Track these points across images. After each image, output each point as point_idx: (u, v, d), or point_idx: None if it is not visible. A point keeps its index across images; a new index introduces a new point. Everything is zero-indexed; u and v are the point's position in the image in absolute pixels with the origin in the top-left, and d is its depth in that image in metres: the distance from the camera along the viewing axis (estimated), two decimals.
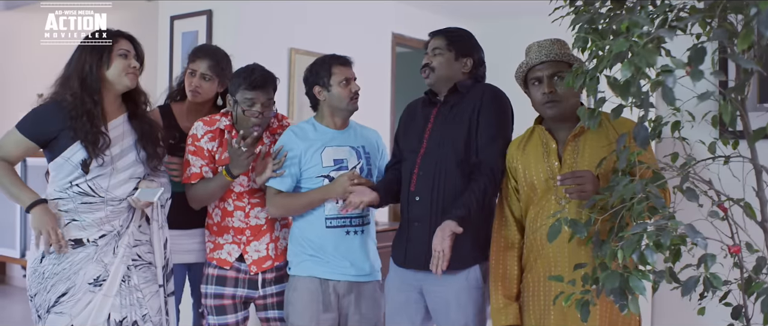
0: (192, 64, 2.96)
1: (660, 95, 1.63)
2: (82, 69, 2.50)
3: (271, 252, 2.84)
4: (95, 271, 2.50)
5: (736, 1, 1.66)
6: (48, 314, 2.49)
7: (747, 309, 1.89)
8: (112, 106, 2.59)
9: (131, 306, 2.54)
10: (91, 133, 2.45)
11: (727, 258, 1.84)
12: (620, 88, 1.64)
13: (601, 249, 1.89)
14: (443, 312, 2.54)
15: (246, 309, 2.89)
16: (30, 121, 2.53)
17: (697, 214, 1.84)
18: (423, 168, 2.58)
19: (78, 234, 2.50)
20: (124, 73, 2.55)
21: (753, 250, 1.83)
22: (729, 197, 1.88)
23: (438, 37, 2.70)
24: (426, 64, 2.68)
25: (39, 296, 2.50)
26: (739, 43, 1.61)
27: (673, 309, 2.52)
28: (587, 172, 2.15)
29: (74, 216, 2.50)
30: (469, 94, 2.60)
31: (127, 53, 2.57)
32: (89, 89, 2.49)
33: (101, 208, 2.52)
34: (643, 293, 1.72)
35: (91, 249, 2.50)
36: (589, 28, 1.87)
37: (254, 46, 4.45)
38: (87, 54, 2.52)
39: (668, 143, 2.06)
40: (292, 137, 2.76)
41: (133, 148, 2.59)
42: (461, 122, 2.56)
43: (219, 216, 2.84)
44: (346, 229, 2.72)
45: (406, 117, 2.81)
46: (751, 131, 1.83)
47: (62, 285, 2.48)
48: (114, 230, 2.53)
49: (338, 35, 4.94)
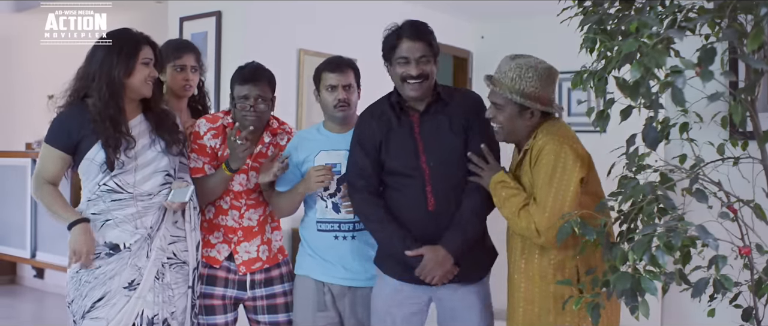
0: (179, 60, 2.96)
1: (669, 96, 1.62)
2: (109, 73, 2.50)
3: (262, 255, 2.83)
4: (130, 275, 2.52)
5: (745, 1, 1.66)
6: (83, 320, 2.51)
7: (757, 311, 1.88)
8: (131, 107, 2.60)
9: (164, 303, 2.56)
10: (113, 137, 2.48)
11: (737, 260, 1.84)
12: (630, 89, 1.64)
13: (611, 252, 1.88)
14: (452, 320, 2.52)
15: (235, 310, 2.87)
16: (56, 131, 2.54)
17: (706, 216, 1.83)
18: (435, 185, 2.45)
19: (113, 235, 2.52)
20: (145, 82, 2.56)
21: (763, 251, 1.82)
22: (739, 198, 1.87)
23: (419, 41, 2.46)
24: (420, 74, 2.43)
25: (75, 302, 2.53)
26: (749, 44, 1.60)
27: (683, 310, 2.52)
28: (490, 165, 2.36)
29: (107, 216, 2.52)
30: (452, 99, 2.51)
31: (149, 62, 2.57)
32: (115, 95, 2.50)
33: (131, 204, 2.54)
34: (655, 294, 1.71)
35: (126, 254, 2.52)
36: (598, 28, 1.86)
37: (263, 47, 4.46)
38: (114, 57, 2.51)
39: (677, 144, 2.05)
40: (297, 142, 2.78)
41: (152, 141, 2.61)
42: (456, 133, 2.46)
43: (212, 213, 2.82)
44: (334, 234, 2.69)
45: (375, 130, 2.55)
46: (761, 132, 1.83)
47: (98, 290, 2.50)
48: (146, 232, 2.55)
49: (347, 36, 4.94)
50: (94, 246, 2.49)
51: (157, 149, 2.61)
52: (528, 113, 2.24)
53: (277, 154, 2.78)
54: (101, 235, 2.51)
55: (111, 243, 2.51)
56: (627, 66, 1.64)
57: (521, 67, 2.23)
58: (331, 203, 2.69)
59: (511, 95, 2.21)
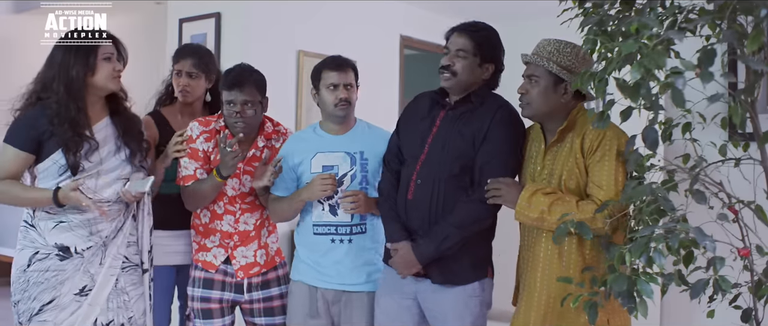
0: (177, 65, 2.97)
1: (669, 97, 1.62)
2: (67, 74, 2.44)
3: (260, 259, 2.81)
4: (81, 282, 2.47)
5: (745, 3, 1.66)
6: (30, 323, 2.46)
7: (757, 312, 1.88)
8: (96, 108, 2.54)
9: (118, 308, 2.52)
10: (72, 140, 2.41)
11: (736, 261, 1.84)
12: (630, 90, 1.64)
13: (609, 252, 1.88)
14: (440, 320, 2.49)
15: (232, 312, 2.86)
16: (17, 131, 2.47)
17: (707, 216, 1.83)
18: (421, 176, 2.46)
19: (65, 238, 2.46)
20: (111, 77, 2.50)
21: (763, 253, 1.82)
22: (739, 199, 1.87)
23: (464, 36, 2.46)
24: (447, 65, 2.45)
25: (22, 303, 2.47)
26: (749, 45, 1.60)
27: (682, 311, 2.52)
28: (506, 180, 2.32)
29: (62, 218, 2.47)
30: (482, 107, 2.45)
31: (111, 56, 2.51)
32: (74, 96, 2.43)
33: (88, 209, 2.46)
34: (651, 296, 1.71)
35: (77, 260, 2.46)
36: (598, 30, 1.87)
37: (262, 49, 4.46)
38: (71, 57, 2.45)
39: (679, 145, 2.05)
40: (292, 144, 2.75)
41: (118, 148, 2.55)
42: (467, 135, 2.43)
43: (207, 217, 2.80)
44: (331, 238, 2.66)
45: (412, 110, 2.64)
46: (761, 133, 1.82)
47: (47, 294, 2.45)
48: (101, 241, 2.50)
49: (346, 37, 4.94)
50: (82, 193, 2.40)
51: (122, 157, 2.56)
52: (562, 88, 2.25)
53: (271, 157, 2.76)
54: (52, 236, 2.45)
55: (61, 245, 2.46)
56: (627, 67, 1.64)
57: (560, 43, 2.27)
58: (328, 206, 2.67)
59: (548, 64, 2.23)
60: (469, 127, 2.43)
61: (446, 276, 2.44)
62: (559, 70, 2.22)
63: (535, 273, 2.29)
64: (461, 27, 2.51)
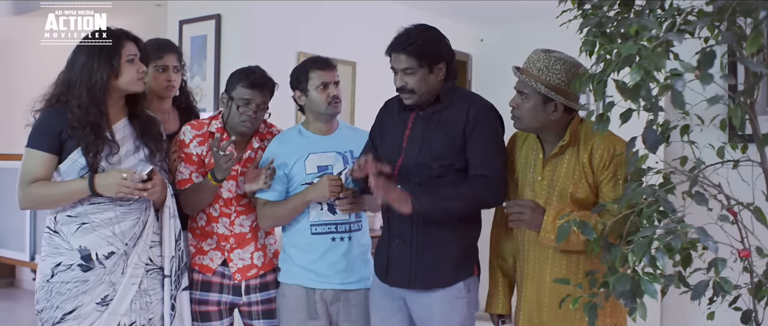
0: (160, 61, 2.92)
1: (669, 99, 1.62)
2: (90, 77, 2.43)
3: (257, 261, 2.80)
4: (103, 291, 2.48)
5: (744, 4, 1.66)
6: None
7: (757, 314, 1.88)
8: (115, 109, 2.54)
9: (141, 309, 2.54)
10: (93, 144, 2.41)
11: (736, 263, 1.84)
12: (629, 91, 1.64)
13: (610, 253, 1.88)
14: (427, 322, 2.49)
15: (231, 315, 2.85)
16: (39, 134, 2.47)
17: (706, 218, 1.83)
18: (401, 180, 2.43)
19: (88, 241, 2.46)
20: (135, 79, 2.50)
21: (763, 254, 1.82)
22: (738, 201, 1.87)
23: (402, 54, 2.41)
24: (401, 87, 2.43)
25: (46, 312, 2.48)
26: (748, 47, 1.60)
27: (682, 313, 2.52)
28: (528, 203, 2.24)
29: (84, 220, 2.47)
30: (452, 106, 2.44)
31: (134, 58, 2.50)
32: (96, 100, 2.43)
33: (110, 208, 2.48)
34: (655, 296, 1.71)
35: (100, 270, 2.47)
36: (598, 31, 1.86)
37: (262, 50, 4.46)
38: (95, 61, 2.43)
39: (677, 147, 2.05)
40: (278, 146, 2.73)
41: (136, 148, 2.56)
42: (443, 136, 2.41)
43: (204, 220, 2.79)
44: (331, 236, 2.67)
45: (382, 118, 2.63)
46: (760, 135, 1.82)
47: (70, 303, 2.46)
48: (123, 248, 2.50)
49: (346, 38, 4.94)
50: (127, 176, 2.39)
51: (141, 156, 2.55)
52: (551, 106, 2.23)
53: (254, 158, 2.76)
54: (76, 239, 2.46)
55: (84, 249, 2.45)
56: (626, 69, 1.64)
57: (550, 59, 2.23)
58: (327, 205, 2.68)
59: (536, 85, 2.21)
60: (444, 128, 2.42)
61: (430, 280, 2.44)
62: (547, 91, 2.20)
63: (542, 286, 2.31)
64: (396, 45, 2.44)
